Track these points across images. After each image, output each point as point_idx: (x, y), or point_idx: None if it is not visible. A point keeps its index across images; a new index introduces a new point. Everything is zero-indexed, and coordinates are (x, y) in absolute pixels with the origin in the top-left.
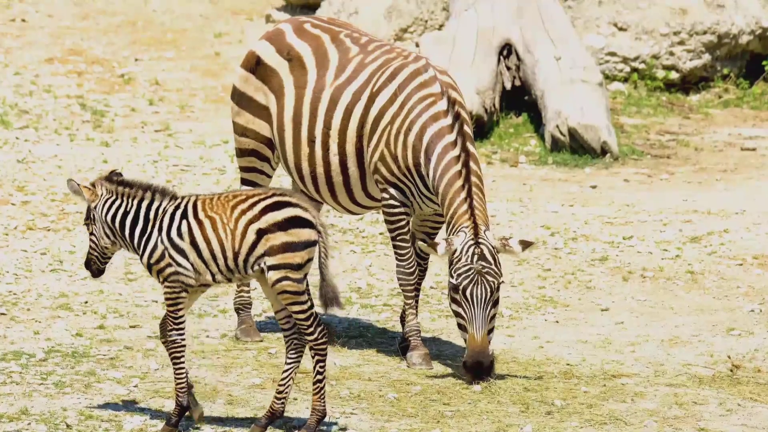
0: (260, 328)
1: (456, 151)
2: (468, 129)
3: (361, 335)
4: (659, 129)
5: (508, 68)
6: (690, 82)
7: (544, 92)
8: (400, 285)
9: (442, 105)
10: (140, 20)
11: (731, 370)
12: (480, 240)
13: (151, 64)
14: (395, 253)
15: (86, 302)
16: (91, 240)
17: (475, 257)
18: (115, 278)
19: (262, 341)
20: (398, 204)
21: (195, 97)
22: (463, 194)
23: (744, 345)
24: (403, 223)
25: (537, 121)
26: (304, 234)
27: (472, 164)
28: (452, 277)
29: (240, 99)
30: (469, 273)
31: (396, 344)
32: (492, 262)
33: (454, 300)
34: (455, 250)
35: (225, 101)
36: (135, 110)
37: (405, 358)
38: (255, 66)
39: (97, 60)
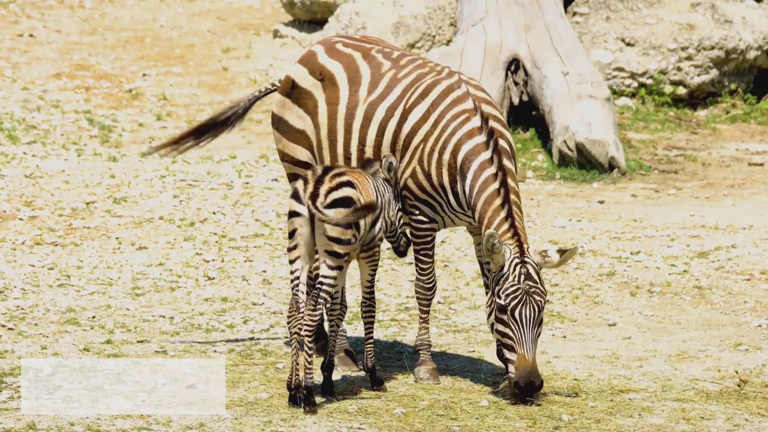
0: (266, 344)
1: (493, 169)
2: (504, 144)
3: None
4: (667, 144)
5: (516, 83)
6: (697, 98)
7: (552, 107)
8: (418, 299)
9: (476, 122)
10: (148, 35)
11: (739, 385)
12: (525, 259)
13: (158, 80)
14: (417, 267)
15: (93, 317)
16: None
17: (522, 277)
18: (122, 293)
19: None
20: (427, 220)
21: (203, 112)
22: (503, 213)
23: (751, 360)
24: (429, 238)
25: (544, 137)
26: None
27: (510, 182)
28: (500, 297)
29: (278, 124)
30: (517, 293)
31: (403, 359)
32: (537, 280)
33: (500, 320)
34: (501, 269)
35: None
36: (143, 125)
37: (413, 372)
38: (290, 90)
39: (104, 75)
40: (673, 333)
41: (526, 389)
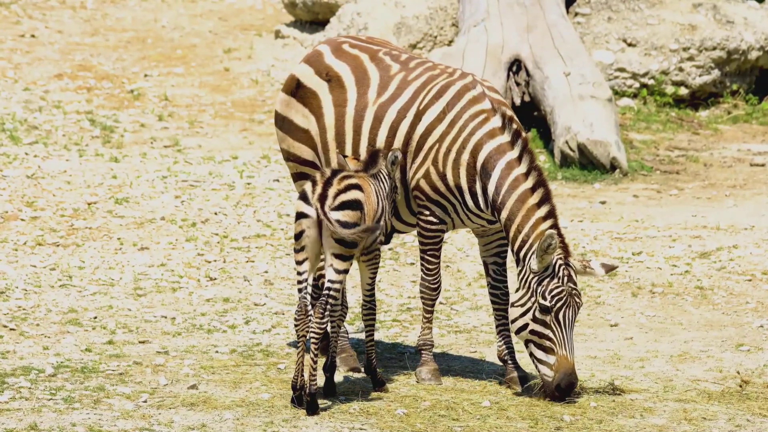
0: (268, 344)
1: (523, 168)
2: (530, 145)
3: None
4: (668, 145)
5: (518, 84)
6: (699, 98)
7: (554, 108)
8: (422, 298)
9: (497, 122)
10: (150, 36)
11: (740, 386)
12: (569, 261)
13: (160, 80)
14: (423, 267)
15: (95, 318)
16: None
17: (566, 278)
18: (124, 293)
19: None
20: (437, 221)
21: (204, 112)
22: (540, 213)
23: (753, 360)
24: (438, 239)
25: (546, 137)
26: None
27: (548, 183)
28: (544, 298)
29: (282, 123)
30: (562, 295)
31: (405, 359)
32: (577, 283)
33: (539, 321)
34: (545, 269)
35: (234, 117)
36: (144, 126)
37: (415, 373)
38: (295, 89)
39: (106, 76)
40: (675, 333)
41: (567, 390)
